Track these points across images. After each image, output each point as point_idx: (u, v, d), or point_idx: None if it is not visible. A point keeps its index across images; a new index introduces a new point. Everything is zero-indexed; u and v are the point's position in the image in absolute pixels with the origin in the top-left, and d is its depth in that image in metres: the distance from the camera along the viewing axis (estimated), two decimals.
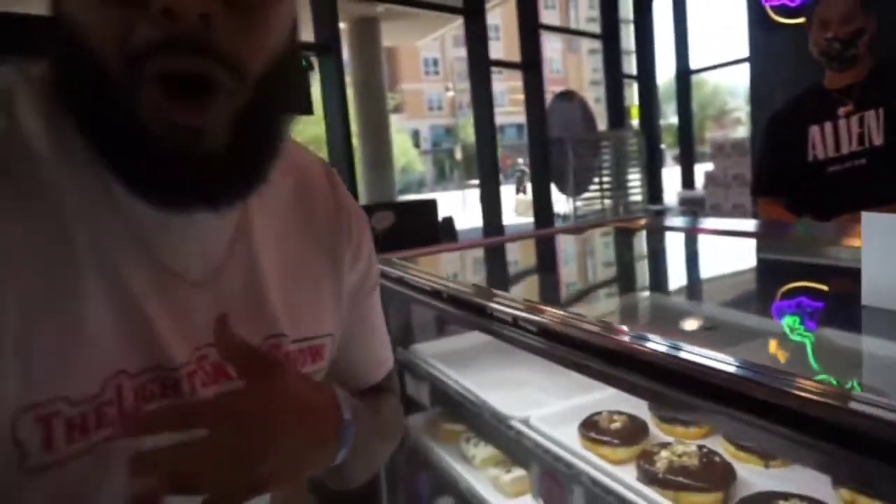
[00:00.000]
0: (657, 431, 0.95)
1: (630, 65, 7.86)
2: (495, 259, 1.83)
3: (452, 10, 5.90)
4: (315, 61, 4.56)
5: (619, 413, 0.97)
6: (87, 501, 0.47)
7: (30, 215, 0.43)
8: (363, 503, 1.51)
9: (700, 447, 0.85)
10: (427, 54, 35.01)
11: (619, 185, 6.84)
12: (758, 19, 4.83)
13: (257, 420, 0.45)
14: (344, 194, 0.65)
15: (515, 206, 14.29)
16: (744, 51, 5.35)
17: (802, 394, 0.56)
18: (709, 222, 2.27)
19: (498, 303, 0.98)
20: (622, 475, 0.85)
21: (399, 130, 26.12)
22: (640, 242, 1.84)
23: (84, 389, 0.45)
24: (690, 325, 0.94)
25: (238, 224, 0.54)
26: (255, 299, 0.55)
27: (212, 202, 0.46)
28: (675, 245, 1.80)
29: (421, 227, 2.84)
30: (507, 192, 5.96)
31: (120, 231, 0.47)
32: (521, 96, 6.36)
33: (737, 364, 0.62)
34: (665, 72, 7.86)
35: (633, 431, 0.92)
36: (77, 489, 0.46)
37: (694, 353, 0.65)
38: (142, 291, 0.48)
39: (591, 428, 0.94)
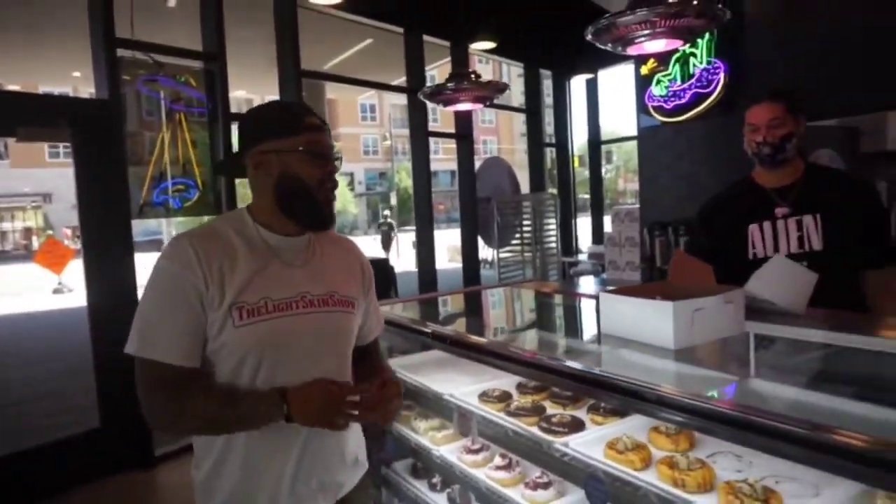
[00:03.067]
0: (518, 397, 1.87)
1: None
2: (437, 306, 2.76)
3: (398, 90, 6.88)
4: None
5: (499, 389, 1.88)
6: (262, 347, 1.23)
7: (229, 247, 1.27)
8: None
9: (533, 402, 1.77)
10: (365, 101, 36.23)
11: (538, 240, 7.90)
12: (643, 111, 5.92)
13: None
14: (359, 250, 1.50)
15: (447, 252, 15.33)
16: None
17: (568, 366, 1.49)
18: (584, 284, 3.25)
19: (437, 330, 1.89)
20: (497, 414, 1.76)
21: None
22: (529, 298, 2.80)
23: (254, 301, 1.23)
24: (542, 343, 1.88)
25: (310, 249, 1.35)
26: (323, 275, 1.34)
27: (327, 225, 1.33)
28: (555, 302, 2.76)
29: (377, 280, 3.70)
30: (437, 237, 6.80)
31: (264, 247, 1.30)
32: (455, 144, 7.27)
33: (553, 358, 1.54)
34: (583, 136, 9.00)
35: (504, 397, 1.84)
36: (254, 341, 1.22)
37: (539, 355, 1.57)
38: (274, 269, 1.28)
39: (484, 396, 1.86)
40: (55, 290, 13.13)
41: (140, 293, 3.92)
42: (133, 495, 3.64)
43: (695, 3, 1.88)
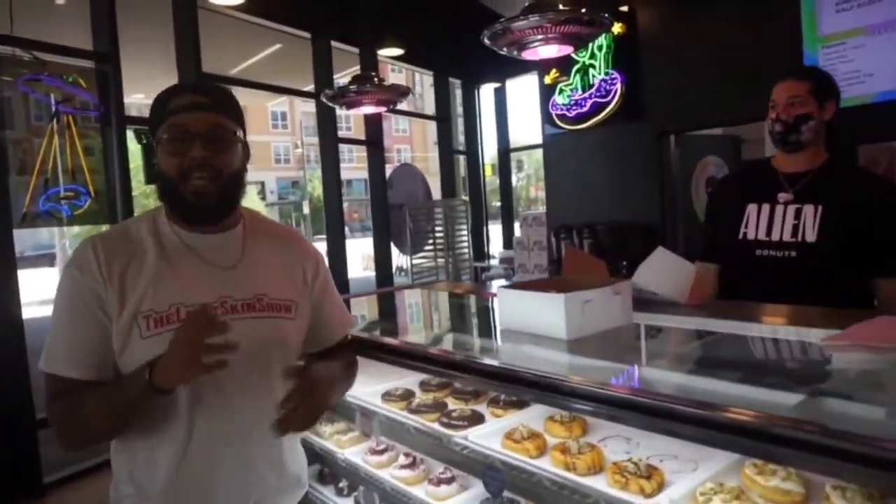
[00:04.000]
0: (420, 395, 1.88)
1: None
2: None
3: (306, 95, 6.78)
4: None
5: (402, 388, 1.89)
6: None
7: (139, 248, 1.15)
8: None
9: (435, 399, 1.79)
10: (275, 108, 35.44)
11: (450, 246, 7.99)
12: (547, 119, 6.13)
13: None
14: (312, 248, 1.35)
15: (362, 261, 15.22)
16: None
17: (465, 359, 1.51)
18: (494, 286, 3.31)
19: None
20: (399, 412, 1.77)
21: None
22: (437, 297, 2.82)
23: (163, 308, 1.10)
24: (445, 339, 1.89)
25: (239, 247, 1.21)
26: (251, 276, 1.19)
27: (209, 221, 1.17)
28: (455, 303, 2.80)
29: None
30: (352, 246, 6.75)
31: (180, 248, 1.17)
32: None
33: (452, 353, 1.56)
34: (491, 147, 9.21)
35: (407, 395, 1.85)
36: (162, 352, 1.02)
37: (438, 350, 1.58)
38: (190, 271, 1.15)
39: (387, 395, 1.87)
40: None
41: (24, 312, 3.69)
42: None
43: (582, 10, 1.98)
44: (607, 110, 5.41)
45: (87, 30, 4.32)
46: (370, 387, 1.97)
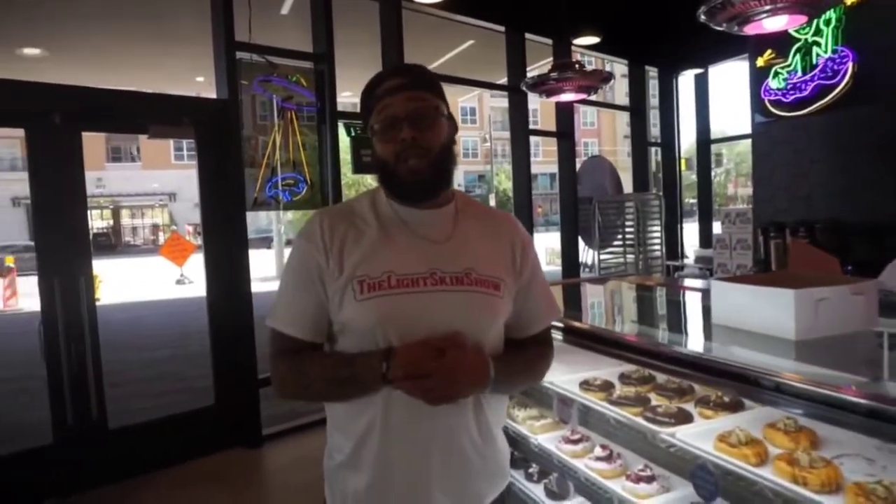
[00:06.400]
0: (621, 388, 1.81)
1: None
2: None
3: (500, 88, 6.89)
4: None
5: (601, 379, 1.84)
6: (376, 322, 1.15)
7: (359, 220, 1.23)
8: None
9: (637, 393, 1.71)
10: (465, 104, 36.53)
11: (641, 242, 7.62)
12: (758, 106, 5.59)
13: (453, 369, 1.11)
14: (524, 232, 1.34)
15: (546, 255, 15.16)
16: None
17: (684, 352, 1.42)
18: (687, 282, 3.11)
19: None
20: (600, 403, 1.72)
21: None
22: (628, 290, 2.71)
23: (376, 274, 1.15)
24: (649, 332, 1.81)
25: (452, 223, 1.25)
26: (462, 252, 1.21)
27: (426, 197, 1.21)
28: (657, 295, 2.66)
29: None
30: (536, 240, 6.71)
31: (396, 221, 1.23)
32: (555, 147, 7.18)
33: (667, 344, 1.49)
34: (690, 137, 8.57)
35: (606, 386, 1.79)
36: (376, 317, 1.14)
37: (653, 341, 1.52)
38: (404, 243, 1.21)
39: (585, 384, 1.82)
40: (178, 281, 14.21)
41: (253, 286, 4.21)
42: (240, 471, 3.85)
43: None
44: (834, 93, 4.80)
45: (307, 34, 4.79)
46: (566, 375, 1.94)
